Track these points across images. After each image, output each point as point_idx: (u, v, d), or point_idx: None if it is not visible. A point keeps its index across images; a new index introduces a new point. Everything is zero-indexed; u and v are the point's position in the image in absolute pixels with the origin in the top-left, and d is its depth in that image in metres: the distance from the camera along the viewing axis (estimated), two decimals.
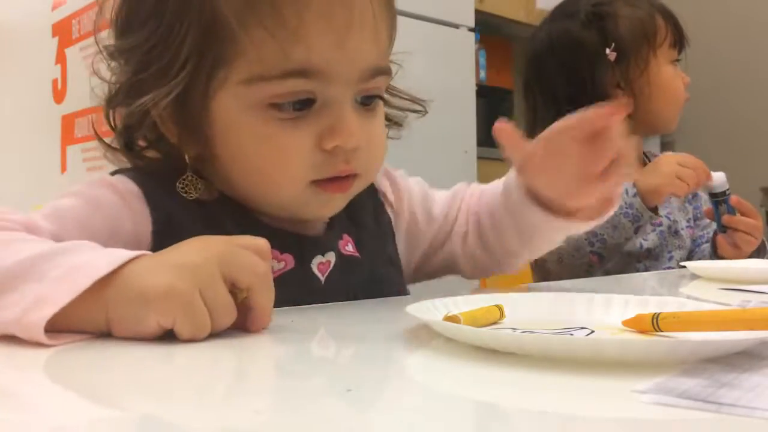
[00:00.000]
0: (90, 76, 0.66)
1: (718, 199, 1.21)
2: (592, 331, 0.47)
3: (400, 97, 0.75)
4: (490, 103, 3.19)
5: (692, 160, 1.19)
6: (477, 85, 2.59)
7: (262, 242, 0.50)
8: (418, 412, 0.31)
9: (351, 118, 0.61)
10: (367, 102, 0.65)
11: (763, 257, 1.25)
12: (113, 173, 0.67)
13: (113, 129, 0.67)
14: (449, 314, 0.46)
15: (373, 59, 0.63)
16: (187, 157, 0.64)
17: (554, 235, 0.74)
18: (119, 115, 0.66)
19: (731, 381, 0.32)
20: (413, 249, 0.80)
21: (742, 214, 1.23)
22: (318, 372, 0.39)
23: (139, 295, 0.46)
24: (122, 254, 0.48)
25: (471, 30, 2.49)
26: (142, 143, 0.67)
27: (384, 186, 0.79)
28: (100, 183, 0.64)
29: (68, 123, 1.95)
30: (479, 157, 2.54)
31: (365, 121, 0.64)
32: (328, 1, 0.59)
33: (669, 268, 1.31)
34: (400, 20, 0.66)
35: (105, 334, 0.48)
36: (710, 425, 0.28)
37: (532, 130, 1.41)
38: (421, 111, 0.76)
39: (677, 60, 1.35)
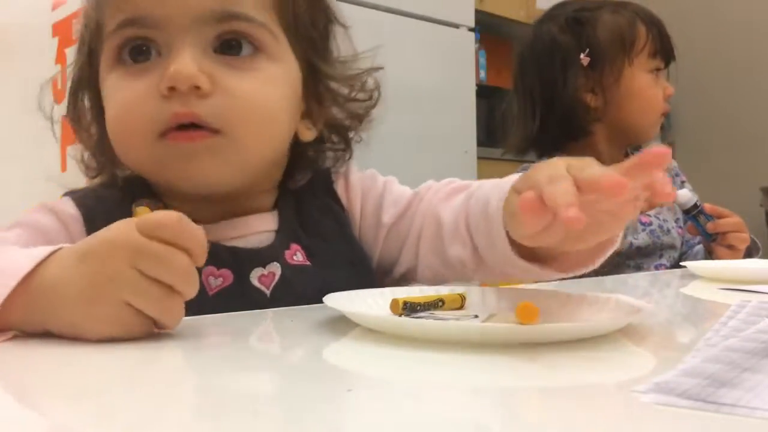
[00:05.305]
0: None
1: (694, 213, 1.23)
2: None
3: (350, 100, 0.74)
4: (490, 103, 3.19)
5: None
6: (477, 85, 2.60)
7: (169, 218, 0.45)
8: (419, 411, 0.31)
9: (186, 59, 0.61)
10: (229, 51, 0.63)
11: (755, 256, 1.25)
12: (63, 195, 0.70)
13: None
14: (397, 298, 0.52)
15: (211, 3, 0.63)
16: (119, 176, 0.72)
17: (527, 276, 0.64)
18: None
19: (731, 381, 0.32)
20: (370, 253, 0.74)
21: (720, 218, 1.23)
22: (318, 372, 0.39)
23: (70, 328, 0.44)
24: (41, 251, 0.47)
25: (471, 30, 2.49)
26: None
27: (340, 187, 0.76)
28: (40, 208, 0.67)
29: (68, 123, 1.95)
30: (479, 157, 2.54)
31: (227, 71, 0.63)
32: None
33: (661, 265, 1.31)
34: (401, 20, 0.66)
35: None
36: (710, 425, 0.28)
37: (518, 129, 1.42)
38: (375, 103, 0.75)
39: (659, 69, 1.33)
